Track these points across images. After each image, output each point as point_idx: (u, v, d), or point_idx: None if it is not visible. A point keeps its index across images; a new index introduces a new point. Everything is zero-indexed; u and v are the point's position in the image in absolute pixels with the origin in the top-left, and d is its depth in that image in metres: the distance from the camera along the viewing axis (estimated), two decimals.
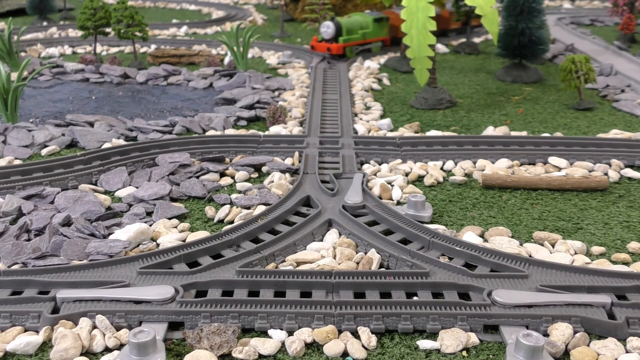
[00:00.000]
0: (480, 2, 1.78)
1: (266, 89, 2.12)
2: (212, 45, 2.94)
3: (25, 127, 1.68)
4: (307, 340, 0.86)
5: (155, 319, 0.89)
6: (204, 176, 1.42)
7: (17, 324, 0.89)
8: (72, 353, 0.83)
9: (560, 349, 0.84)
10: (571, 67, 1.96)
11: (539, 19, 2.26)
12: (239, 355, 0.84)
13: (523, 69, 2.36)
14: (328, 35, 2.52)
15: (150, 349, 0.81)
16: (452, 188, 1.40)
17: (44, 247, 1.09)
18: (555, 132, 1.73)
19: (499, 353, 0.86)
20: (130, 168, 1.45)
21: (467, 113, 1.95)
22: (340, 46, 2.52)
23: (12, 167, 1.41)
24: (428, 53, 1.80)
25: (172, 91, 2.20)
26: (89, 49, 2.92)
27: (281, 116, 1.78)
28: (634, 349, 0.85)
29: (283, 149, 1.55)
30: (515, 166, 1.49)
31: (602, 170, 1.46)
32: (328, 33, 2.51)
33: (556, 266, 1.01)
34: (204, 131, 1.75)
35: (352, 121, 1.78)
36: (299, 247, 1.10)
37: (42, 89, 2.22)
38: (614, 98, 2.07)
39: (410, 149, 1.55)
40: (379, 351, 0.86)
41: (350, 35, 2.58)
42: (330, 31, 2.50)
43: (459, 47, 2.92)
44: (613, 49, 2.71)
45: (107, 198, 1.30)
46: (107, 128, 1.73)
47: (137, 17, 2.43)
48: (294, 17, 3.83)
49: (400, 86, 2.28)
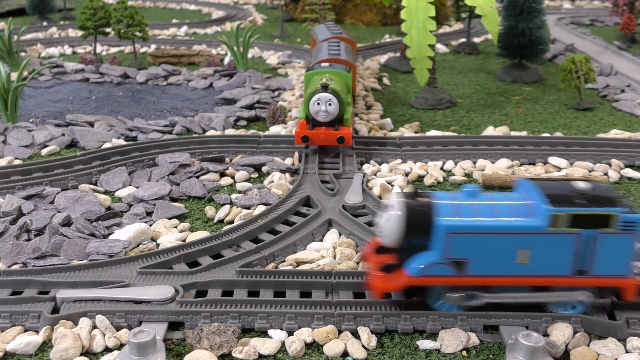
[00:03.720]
0: (480, 2, 1.78)
1: (266, 89, 2.12)
2: (212, 45, 2.94)
3: (25, 127, 1.68)
4: (307, 340, 0.86)
5: (155, 319, 0.89)
6: (204, 176, 1.42)
7: (17, 324, 0.89)
8: (72, 353, 0.83)
9: (560, 349, 0.84)
10: (571, 67, 1.96)
11: (539, 19, 2.26)
12: (239, 355, 0.84)
13: (523, 69, 2.36)
14: (331, 116, 1.45)
15: (150, 349, 0.81)
16: (452, 188, 1.40)
17: (44, 247, 1.09)
18: (555, 132, 1.73)
19: (499, 353, 0.86)
20: (130, 168, 1.45)
21: (467, 113, 1.95)
22: (350, 133, 1.46)
23: (12, 167, 1.41)
24: (428, 53, 1.80)
25: (172, 91, 2.20)
26: (89, 49, 2.93)
27: (281, 116, 1.78)
28: (634, 349, 0.85)
29: (283, 149, 1.55)
30: (515, 166, 1.49)
31: (602, 170, 1.46)
32: (330, 113, 1.44)
33: None
34: (204, 131, 1.75)
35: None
36: (299, 247, 1.10)
37: (42, 89, 2.22)
38: (614, 98, 2.07)
39: (410, 149, 1.55)
40: (379, 351, 0.86)
41: (347, 107, 1.51)
42: (333, 109, 1.44)
43: (459, 47, 2.92)
44: (613, 49, 2.71)
45: (107, 198, 1.30)
46: (107, 128, 1.73)
47: (137, 17, 2.43)
48: (294, 17, 3.83)
49: (400, 86, 2.28)
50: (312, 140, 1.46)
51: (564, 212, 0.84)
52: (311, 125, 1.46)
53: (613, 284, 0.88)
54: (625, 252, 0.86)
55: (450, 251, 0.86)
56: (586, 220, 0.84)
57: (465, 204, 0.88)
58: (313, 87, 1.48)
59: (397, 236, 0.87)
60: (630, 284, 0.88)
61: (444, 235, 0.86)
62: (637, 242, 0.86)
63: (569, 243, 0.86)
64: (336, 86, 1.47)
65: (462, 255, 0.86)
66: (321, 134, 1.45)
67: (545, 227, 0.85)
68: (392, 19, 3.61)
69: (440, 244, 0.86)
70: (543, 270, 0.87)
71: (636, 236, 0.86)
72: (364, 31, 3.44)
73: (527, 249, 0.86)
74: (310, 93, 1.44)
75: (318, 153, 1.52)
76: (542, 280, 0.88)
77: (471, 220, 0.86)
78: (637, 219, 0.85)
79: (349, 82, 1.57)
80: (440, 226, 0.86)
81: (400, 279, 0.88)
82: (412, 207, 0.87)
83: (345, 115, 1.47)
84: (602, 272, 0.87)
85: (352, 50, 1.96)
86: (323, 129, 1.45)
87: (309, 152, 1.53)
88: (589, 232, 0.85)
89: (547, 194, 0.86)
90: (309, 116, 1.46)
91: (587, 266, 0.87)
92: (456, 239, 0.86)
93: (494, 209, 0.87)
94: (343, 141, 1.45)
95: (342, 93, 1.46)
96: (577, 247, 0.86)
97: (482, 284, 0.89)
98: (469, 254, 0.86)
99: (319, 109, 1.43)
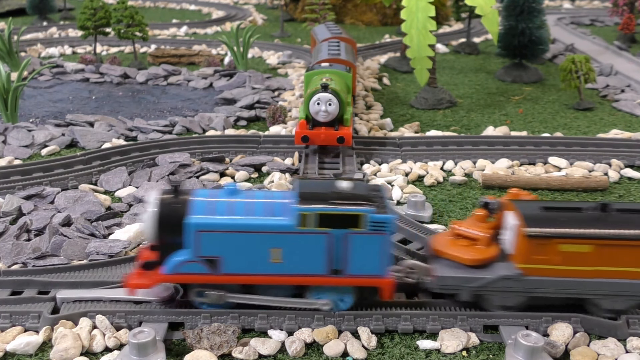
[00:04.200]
0: (480, 2, 1.78)
1: (266, 89, 2.12)
2: (212, 45, 2.94)
3: (25, 127, 1.68)
4: (307, 340, 0.86)
5: (155, 319, 0.89)
6: (204, 176, 1.42)
7: (17, 324, 0.89)
8: (72, 353, 0.83)
9: (560, 349, 0.84)
10: (571, 67, 1.96)
11: (539, 19, 2.26)
12: (239, 355, 0.84)
13: (523, 69, 2.36)
14: (331, 116, 1.46)
15: (150, 349, 0.81)
16: (452, 188, 1.40)
17: (44, 247, 1.09)
18: (555, 132, 1.73)
19: (499, 353, 0.86)
20: (130, 168, 1.45)
21: (467, 113, 1.95)
22: (350, 133, 1.47)
23: (12, 167, 1.41)
24: (428, 53, 1.80)
25: (172, 91, 2.20)
26: (89, 49, 2.92)
27: (281, 116, 1.78)
28: (634, 349, 0.85)
29: (283, 149, 1.55)
30: (515, 166, 1.49)
31: (602, 170, 1.46)
32: (330, 113, 1.45)
33: None
34: (204, 131, 1.75)
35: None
36: None
37: (42, 89, 2.22)
38: (614, 98, 2.07)
39: (410, 149, 1.55)
40: (379, 351, 0.86)
41: (347, 107, 1.51)
42: (333, 109, 1.45)
43: (459, 47, 2.92)
44: (613, 49, 2.71)
45: (107, 198, 1.30)
46: (107, 128, 1.73)
47: (137, 17, 2.43)
48: (294, 17, 3.83)
49: (400, 86, 2.28)
50: (312, 140, 1.46)
51: (311, 212, 0.84)
52: (311, 125, 1.46)
53: (370, 284, 0.88)
54: (378, 252, 0.86)
55: (201, 249, 0.86)
56: (335, 219, 0.84)
57: (222, 202, 0.88)
58: (313, 87, 1.48)
59: (152, 233, 0.87)
60: (386, 284, 0.88)
61: (193, 233, 0.85)
62: (389, 242, 0.87)
63: (320, 242, 0.86)
64: (336, 86, 1.47)
65: (213, 253, 0.86)
66: (321, 134, 1.45)
67: (295, 226, 0.85)
68: (392, 19, 3.60)
69: (191, 242, 0.86)
70: (298, 269, 0.87)
71: (388, 237, 0.86)
72: (364, 31, 3.44)
73: (279, 247, 0.86)
74: (310, 93, 1.44)
75: (318, 153, 1.52)
76: (298, 279, 0.88)
77: (219, 219, 0.86)
78: (385, 219, 0.85)
79: (349, 82, 1.57)
80: (189, 224, 0.85)
81: (154, 277, 0.88)
82: (165, 205, 0.87)
83: (345, 115, 1.47)
84: (358, 272, 0.87)
85: (352, 50, 1.96)
86: (323, 129, 1.45)
87: (309, 152, 1.53)
88: (339, 231, 0.85)
89: (301, 193, 0.86)
90: (309, 116, 1.46)
91: (342, 265, 0.87)
92: (205, 237, 0.86)
93: (249, 208, 0.87)
94: (343, 141, 1.45)
95: (342, 93, 1.46)
96: (329, 247, 0.86)
97: (237, 282, 0.88)
98: (220, 252, 0.86)
99: (319, 109, 1.43)
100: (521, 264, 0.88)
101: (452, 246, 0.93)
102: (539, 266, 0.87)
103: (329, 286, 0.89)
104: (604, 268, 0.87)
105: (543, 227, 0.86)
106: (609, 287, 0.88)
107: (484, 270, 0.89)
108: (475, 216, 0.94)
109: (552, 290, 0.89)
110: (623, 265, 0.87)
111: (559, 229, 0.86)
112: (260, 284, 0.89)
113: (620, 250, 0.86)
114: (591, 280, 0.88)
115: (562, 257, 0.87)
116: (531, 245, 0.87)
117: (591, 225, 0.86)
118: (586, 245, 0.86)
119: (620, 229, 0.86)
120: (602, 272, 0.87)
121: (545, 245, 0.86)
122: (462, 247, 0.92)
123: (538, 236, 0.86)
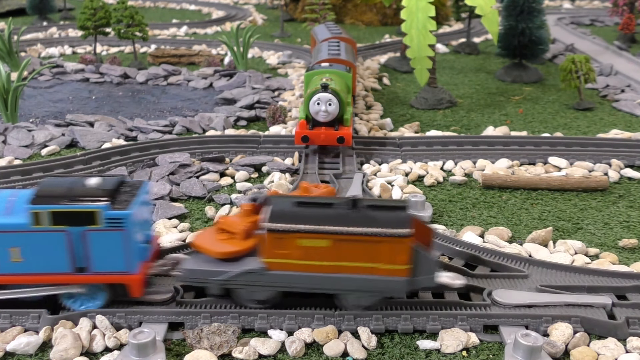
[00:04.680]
0: (480, 2, 1.78)
1: (266, 89, 2.12)
2: (212, 45, 2.94)
3: (25, 127, 1.68)
4: (307, 340, 0.86)
5: (155, 319, 0.89)
6: (204, 176, 1.42)
7: (17, 324, 0.89)
8: (72, 353, 0.83)
9: (560, 349, 0.84)
10: (571, 67, 1.96)
11: (539, 19, 2.26)
12: (239, 355, 0.84)
13: (523, 69, 2.36)
14: (331, 116, 1.45)
15: (150, 349, 0.81)
16: (452, 188, 1.40)
17: None
18: (555, 132, 1.73)
19: (498, 353, 0.86)
20: (130, 168, 1.45)
21: (467, 113, 1.95)
22: (350, 133, 1.46)
23: (12, 167, 1.41)
24: (428, 53, 1.80)
25: (172, 91, 2.20)
26: (89, 49, 2.92)
27: (281, 116, 1.78)
28: (634, 349, 0.85)
29: (283, 149, 1.55)
30: (515, 166, 1.49)
31: (602, 170, 1.46)
32: (330, 113, 1.44)
33: (556, 266, 1.02)
34: (204, 131, 1.75)
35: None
36: None
37: (42, 89, 2.22)
38: (614, 98, 2.07)
39: (410, 149, 1.55)
40: (379, 351, 0.86)
41: (347, 107, 1.51)
42: (333, 109, 1.44)
43: (459, 47, 2.92)
44: (613, 49, 2.71)
45: None
46: (107, 128, 1.73)
47: (137, 17, 2.43)
48: (294, 17, 3.83)
49: (400, 86, 2.28)
50: (312, 140, 1.46)
51: (44, 210, 0.84)
52: (311, 125, 1.46)
53: (117, 281, 0.88)
54: (121, 249, 0.86)
55: None
56: (70, 217, 0.84)
57: None
58: (313, 87, 1.47)
59: None
60: (133, 280, 0.88)
61: None
62: (132, 238, 0.86)
63: (59, 240, 0.85)
64: (336, 86, 1.46)
65: None
66: (321, 134, 1.45)
67: (29, 224, 0.85)
68: (392, 19, 3.60)
69: None
70: (41, 268, 0.87)
71: (128, 232, 0.85)
72: (364, 31, 3.44)
73: (17, 247, 0.86)
74: (310, 93, 1.44)
75: (318, 153, 1.52)
76: (42, 278, 0.88)
77: None
78: (121, 215, 0.85)
79: (349, 82, 1.57)
80: None
81: None
82: None
83: (345, 115, 1.46)
84: (102, 269, 0.87)
85: (352, 50, 1.96)
86: (323, 129, 1.45)
87: (309, 152, 1.53)
88: (77, 229, 0.85)
89: (38, 191, 0.86)
90: (309, 116, 1.46)
91: (85, 263, 0.87)
92: None
93: None
94: (343, 141, 1.44)
95: (342, 93, 1.46)
96: (69, 244, 0.86)
97: None
98: None
99: (319, 109, 1.43)
100: (265, 258, 0.88)
101: (209, 240, 0.92)
102: (281, 260, 0.87)
103: (78, 284, 0.88)
104: (343, 264, 0.87)
105: (285, 223, 0.86)
106: (349, 283, 0.88)
107: (231, 264, 0.89)
108: (243, 211, 0.94)
109: (295, 285, 0.89)
110: (360, 261, 0.86)
111: (294, 224, 0.85)
112: (6, 283, 0.89)
113: (357, 246, 0.86)
114: (331, 275, 0.87)
115: (302, 252, 0.86)
116: (272, 240, 0.86)
117: (334, 222, 0.86)
118: (323, 240, 0.85)
119: (358, 226, 0.85)
120: (341, 268, 0.87)
121: (285, 239, 0.86)
122: (218, 240, 0.91)
123: (276, 230, 0.86)
